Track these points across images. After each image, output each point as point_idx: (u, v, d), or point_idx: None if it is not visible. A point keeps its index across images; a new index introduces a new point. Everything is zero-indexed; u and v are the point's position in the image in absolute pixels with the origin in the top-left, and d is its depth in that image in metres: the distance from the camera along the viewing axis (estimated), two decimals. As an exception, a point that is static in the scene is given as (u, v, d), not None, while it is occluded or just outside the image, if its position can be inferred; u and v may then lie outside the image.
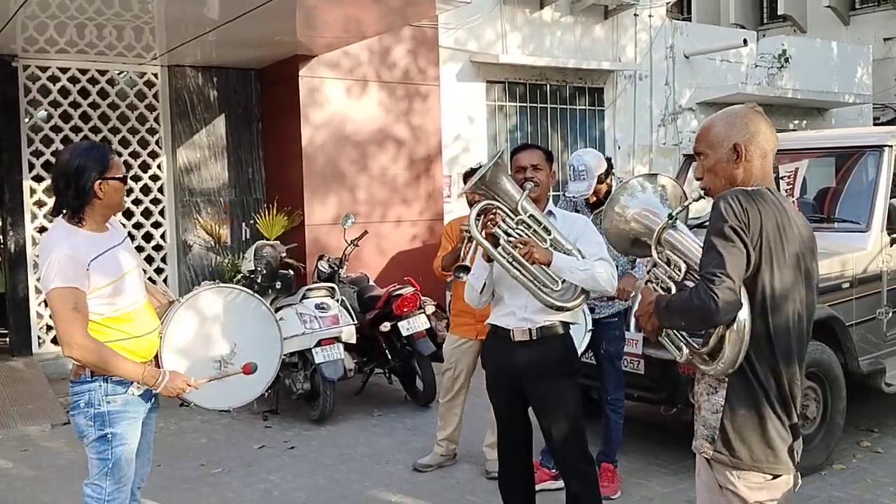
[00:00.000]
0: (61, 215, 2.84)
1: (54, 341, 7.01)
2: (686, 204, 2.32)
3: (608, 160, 4.54)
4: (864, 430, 5.28)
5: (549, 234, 3.23)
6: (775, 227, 2.16)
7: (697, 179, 2.34)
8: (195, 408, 3.14)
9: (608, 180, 4.46)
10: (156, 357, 2.98)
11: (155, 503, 4.27)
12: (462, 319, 4.74)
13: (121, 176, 2.88)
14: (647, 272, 2.35)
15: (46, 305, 2.85)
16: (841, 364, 4.75)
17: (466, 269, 3.98)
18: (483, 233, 3.21)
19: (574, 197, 4.54)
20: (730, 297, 2.07)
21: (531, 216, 3.23)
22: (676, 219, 2.28)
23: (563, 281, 3.19)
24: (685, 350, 2.28)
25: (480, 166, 4.80)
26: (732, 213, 2.10)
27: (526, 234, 3.20)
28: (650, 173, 2.55)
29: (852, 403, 4.90)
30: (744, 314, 2.13)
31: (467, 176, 4.79)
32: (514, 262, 3.17)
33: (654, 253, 2.29)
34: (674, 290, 2.24)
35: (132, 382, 2.84)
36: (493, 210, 3.22)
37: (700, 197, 2.32)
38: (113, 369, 2.78)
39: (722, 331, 2.15)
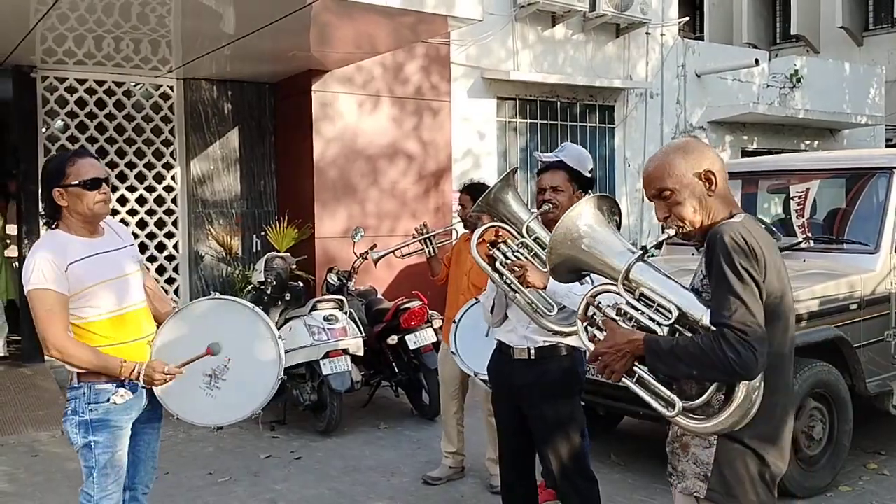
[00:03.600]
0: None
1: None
2: (661, 239, 2.19)
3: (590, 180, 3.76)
4: (871, 453, 5.26)
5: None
6: (774, 253, 2.11)
7: (664, 219, 2.21)
8: (178, 420, 3.00)
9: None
10: None
11: None
12: (447, 326, 4.76)
13: (78, 182, 2.83)
14: (607, 308, 2.18)
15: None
16: (848, 386, 4.74)
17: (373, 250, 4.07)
18: (482, 253, 3.23)
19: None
20: (765, 350, 1.98)
21: (536, 238, 3.21)
22: (648, 252, 2.17)
23: (564, 307, 3.18)
24: (679, 405, 2.07)
25: (474, 182, 4.87)
26: (742, 252, 2.00)
27: (526, 257, 3.17)
28: (605, 195, 2.38)
29: (859, 425, 4.89)
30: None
31: (464, 190, 4.78)
32: (511, 285, 3.17)
33: (620, 288, 2.13)
34: (661, 333, 2.08)
35: (115, 391, 2.84)
36: (497, 231, 3.24)
37: (676, 234, 2.18)
38: (90, 366, 2.79)
39: (734, 384, 2.03)
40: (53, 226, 2.91)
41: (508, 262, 3.18)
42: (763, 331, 1.99)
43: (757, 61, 11.67)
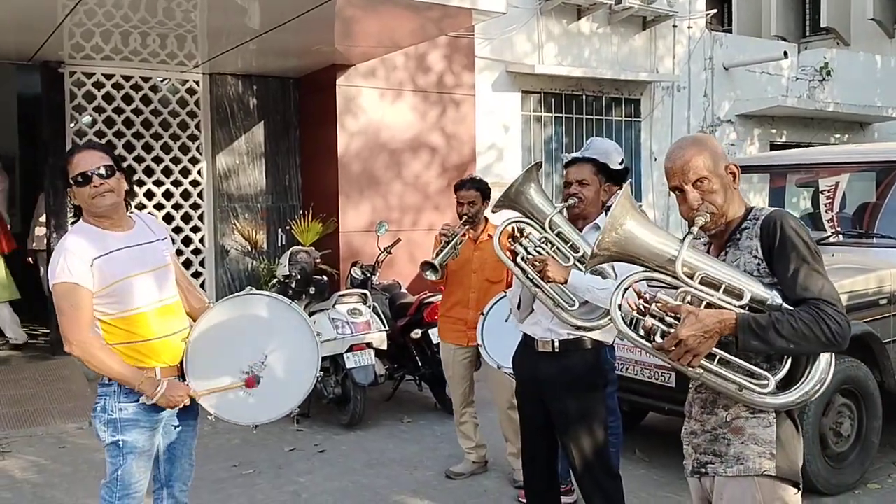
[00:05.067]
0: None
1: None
2: (699, 226, 2.23)
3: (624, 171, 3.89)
4: (901, 450, 5.18)
5: (577, 252, 3.20)
6: None
7: (697, 207, 2.24)
8: (216, 419, 2.99)
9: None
10: (181, 362, 2.92)
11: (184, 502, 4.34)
12: (452, 326, 4.74)
13: (72, 180, 2.77)
14: (659, 295, 2.18)
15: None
16: (877, 382, 4.67)
17: (433, 268, 4.08)
18: (504, 248, 3.23)
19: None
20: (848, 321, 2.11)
21: (560, 233, 3.21)
22: (694, 237, 2.21)
23: (585, 301, 3.16)
24: (773, 379, 2.11)
25: (474, 177, 4.86)
26: (807, 232, 2.16)
27: (547, 252, 3.18)
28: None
29: (888, 422, 4.81)
30: None
31: (466, 186, 4.72)
32: (532, 280, 3.18)
33: (679, 273, 2.15)
34: (738, 312, 2.11)
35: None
36: (519, 226, 3.23)
37: (707, 221, 2.23)
38: (109, 372, 2.74)
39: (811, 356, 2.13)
40: (77, 219, 2.87)
41: (530, 256, 3.18)
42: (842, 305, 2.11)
43: (786, 54, 11.51)
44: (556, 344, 3.33)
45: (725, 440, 2.24)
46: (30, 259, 8.75)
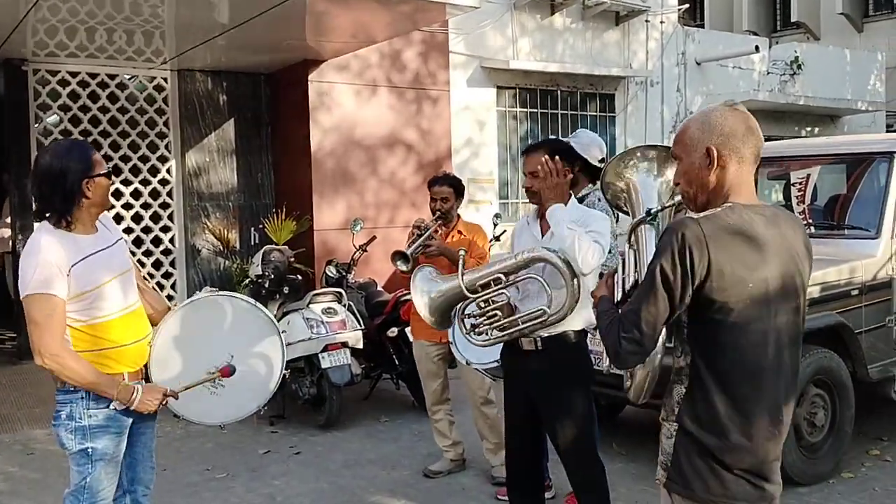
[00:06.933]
0: (46, 219, 2.71)
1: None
2: (667, 205, 2.18)
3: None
4: (874, 439, 5.22)
5: (507, 277, 3.25)
6: (736, 255, 1.95)
7: (676, 184, 2.16)
8: (183, 420, 2.98)
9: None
10: (146, 366, 2.86)
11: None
12: (424, 323, 4.69)
13: (104, 172, 2.75)
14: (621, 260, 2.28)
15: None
16: (850, 372, 4.70)
17: (405, 258, 4.08)
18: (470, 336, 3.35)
19: None
20: (633, 349, 2.02)
21: (481, 285, 3.27)
22: (654, 217, 2.16)
23: (549, 303, 3.17)
24: (605, 363, 2.27)
25: (447, 174, 4.87)
26: (671, 253, 1.94)
27: (492, 301, 3.26)
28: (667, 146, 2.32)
29: (861, 412, 4.85)
30: (658, 353, 2.12)
31: (439, 183, 4.71)
32: (510, 334, 3.26)
33: (626, 243, 2.19)
34: (618, 295, 2.21)
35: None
36: (461, 315, 3.34)
37: (676, 202, 2.19)
38: (83, 383, 2.65)
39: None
40: (63, 223, 2.69)
41: (491, 321, 3.27)
42: (639, 336, 2.00)
43: (757, 48, 11.63)
44: (539, 342, 3.33)
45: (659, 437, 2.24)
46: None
